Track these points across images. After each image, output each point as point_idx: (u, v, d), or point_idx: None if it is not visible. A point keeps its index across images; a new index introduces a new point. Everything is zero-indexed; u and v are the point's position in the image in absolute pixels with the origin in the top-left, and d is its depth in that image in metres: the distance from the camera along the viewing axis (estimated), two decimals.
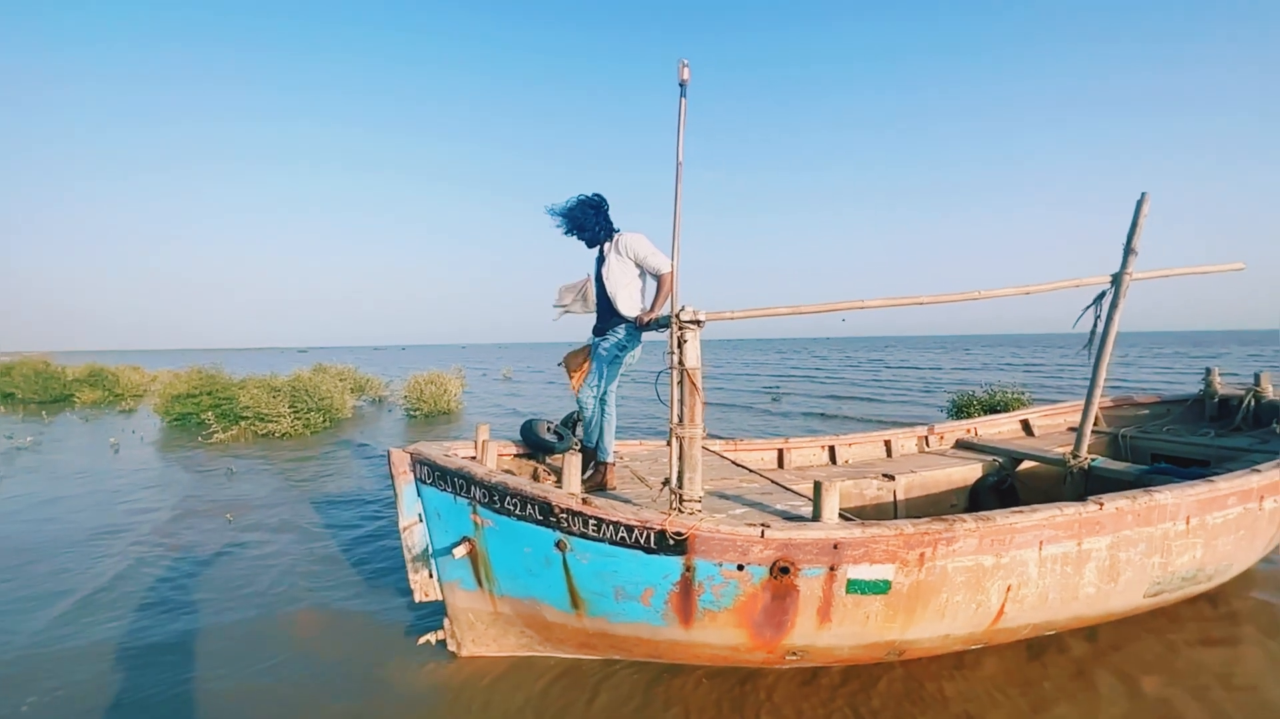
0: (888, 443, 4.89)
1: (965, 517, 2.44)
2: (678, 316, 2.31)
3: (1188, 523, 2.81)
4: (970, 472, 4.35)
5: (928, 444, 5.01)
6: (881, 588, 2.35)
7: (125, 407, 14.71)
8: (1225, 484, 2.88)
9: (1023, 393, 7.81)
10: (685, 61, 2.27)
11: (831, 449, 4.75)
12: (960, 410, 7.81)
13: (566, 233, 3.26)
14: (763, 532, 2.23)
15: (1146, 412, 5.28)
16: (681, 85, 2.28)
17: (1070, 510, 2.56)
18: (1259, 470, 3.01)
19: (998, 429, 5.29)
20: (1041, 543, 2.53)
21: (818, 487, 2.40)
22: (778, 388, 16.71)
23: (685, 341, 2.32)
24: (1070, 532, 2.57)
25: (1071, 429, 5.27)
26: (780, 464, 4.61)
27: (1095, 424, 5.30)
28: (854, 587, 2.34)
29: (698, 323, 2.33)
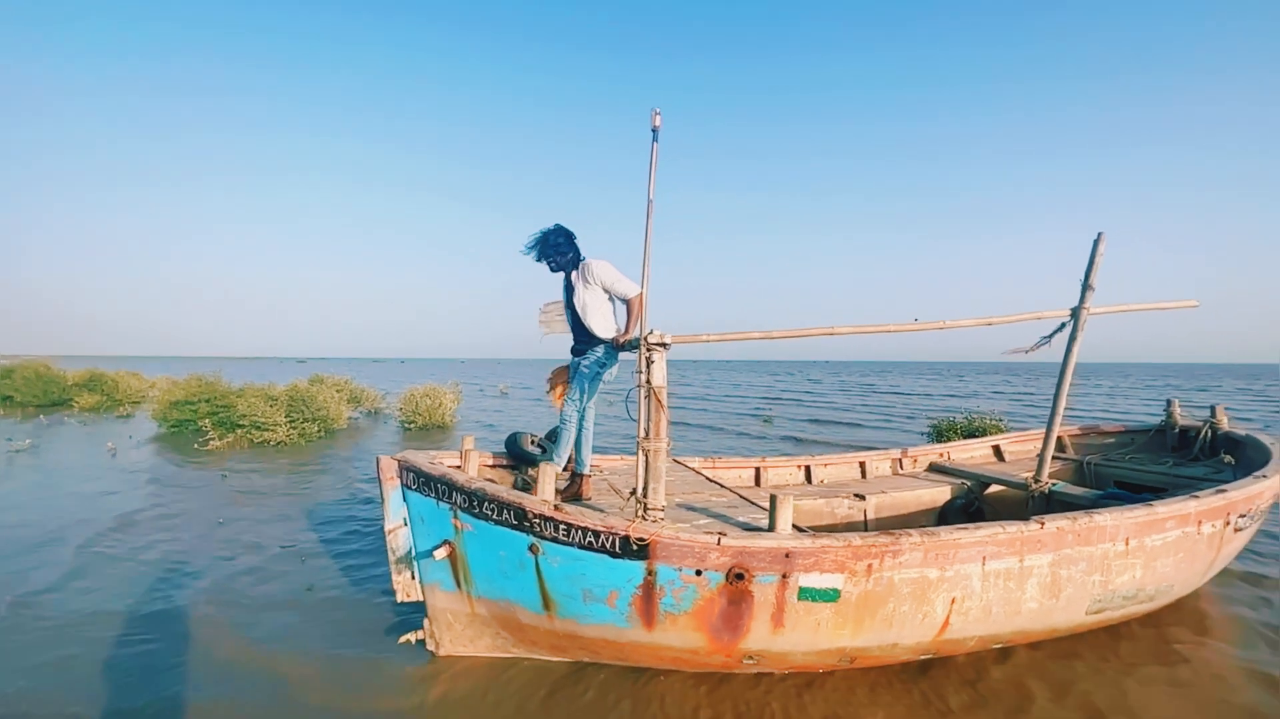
0: (862, 464, 5.07)
1: (912, 531, 2.61)
2: (646, 339, 2.52)
3: (1127, 544, 2.98)
4: (939, 494, 4.52)
5: (901, 467, 5.19)
6: (831, 596, 2.52)
7: (123, 412, 14.83)
8: (1163, 508, 3.06)
9: (1000, 420, 8.01)
10: (657, 110, 2.52)
11: (808, 469, 4.92)
12: (940, 435, 8.00)
13: (539, 257, 3.46)
14: (719, 539, 2.40)
15: (1112, 440, 5.47)
16: (654, 131, 2.52)
17: (1013, 529, 2.74)
18: (1197, 497, 3.19)
19: (970, 454, 5.47)
20: (985, 558, 2.70)
21: (773, 500, 2.59)
22: (768, 410, 16.86)
23: (653, 362, 2.53)
24: (1012, 549, 2.74)
25: None
26: (757, 483, 4.78)
27: (1064, 452, 5.49)
28: (805, 594, 2.50)
29: (664, 345, 2.54)
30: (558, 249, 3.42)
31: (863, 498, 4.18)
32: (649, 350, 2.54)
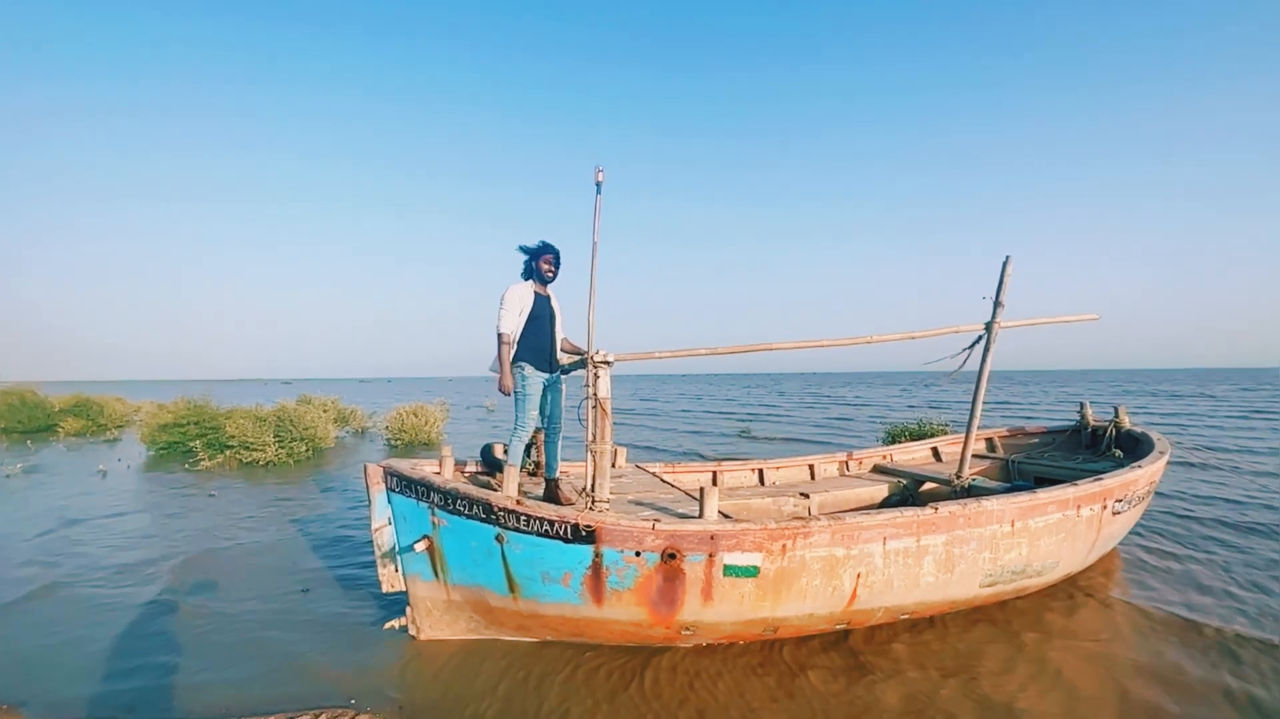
0: (811, 466, 5.56)
1: (821, 516, 3.09)
2: (592, 358, 3.00)
3: (1013, 525, 3.48)
4: (878, 491, 5.01)
5: (848, 468, 5.68)
6: (752, 572, 2.98)
7: (110, 436, 14.97)
8: (1045, 495, 3.57)
9: (945, 426, 8.58)
10: (600, 168, 3.02)
11: (760, 472, 5.39)
12: (893, 440, 8.55)
13: (554, 262, 3.66)
14: (654, 525, 2.86)
15: (1036, 440, 6.02)
16: (597, 185, 3.02)
17: (909, 513, 3.22)
18: (1076, 484, 3.71)
19: (911, 455, 5.98)
20: (885, 539, 3.18)
21: (702, 491, 3.05)
22: (749, 420, 17.33)
23: (598, 377, 3.00)
24: (910, 530, 3.23)
25: (975, 455, 5.98)
26: (714, 485, 5.24)
27: (994, 451, 6.04)
28: (730, 570, 2.96)
29: (608, 363, 3.01)
30: (558, 266, 3.72)
31: (807, 496, 4.65)
32: (595, 368, 3.02)
